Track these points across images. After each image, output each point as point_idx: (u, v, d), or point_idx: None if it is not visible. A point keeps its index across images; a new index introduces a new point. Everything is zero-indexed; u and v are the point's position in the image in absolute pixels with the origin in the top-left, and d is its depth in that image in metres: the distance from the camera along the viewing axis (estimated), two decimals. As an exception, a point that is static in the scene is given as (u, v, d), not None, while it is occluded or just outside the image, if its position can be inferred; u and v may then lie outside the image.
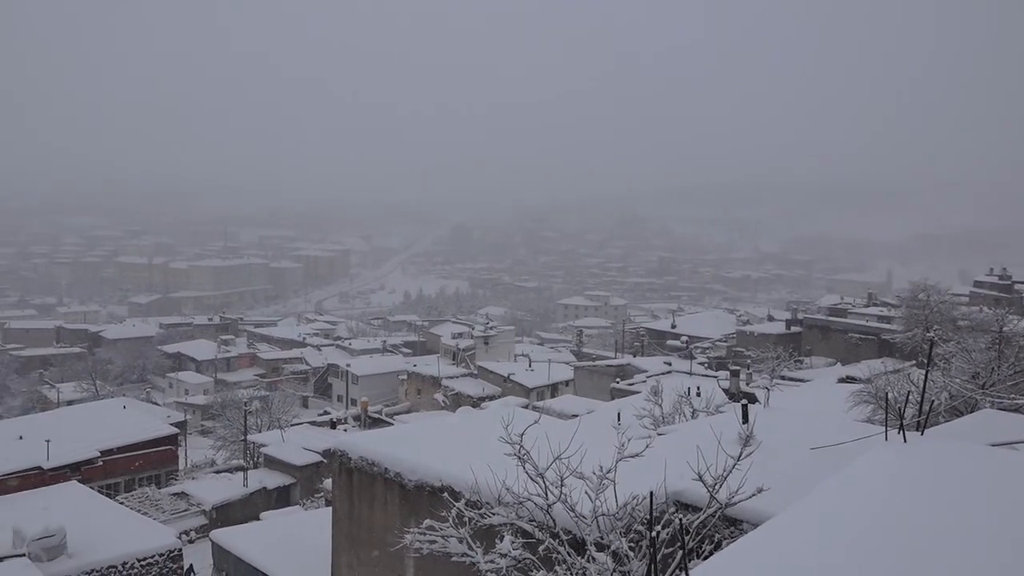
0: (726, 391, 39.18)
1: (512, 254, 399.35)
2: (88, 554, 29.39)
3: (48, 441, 45.46)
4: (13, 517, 30.98)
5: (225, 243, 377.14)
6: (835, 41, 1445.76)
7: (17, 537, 29.37)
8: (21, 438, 47.72)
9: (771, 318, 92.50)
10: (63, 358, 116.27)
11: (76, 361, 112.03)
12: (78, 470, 45.42)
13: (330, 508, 22.66)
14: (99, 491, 40.56)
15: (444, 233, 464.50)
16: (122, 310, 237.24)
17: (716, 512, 11.89)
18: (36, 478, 43.84)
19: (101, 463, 47.30)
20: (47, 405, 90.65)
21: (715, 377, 48.32)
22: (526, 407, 42.09)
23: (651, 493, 10.43)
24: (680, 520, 9.86)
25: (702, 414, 26.90)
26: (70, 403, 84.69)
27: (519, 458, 12.96)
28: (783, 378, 53.24)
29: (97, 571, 28.90)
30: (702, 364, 66.62)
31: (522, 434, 13.19)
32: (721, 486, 11.83)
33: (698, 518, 11.98)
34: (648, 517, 10.59)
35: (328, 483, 39.52)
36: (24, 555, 27.63)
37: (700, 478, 11.70)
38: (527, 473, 12.89)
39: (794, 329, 75.77)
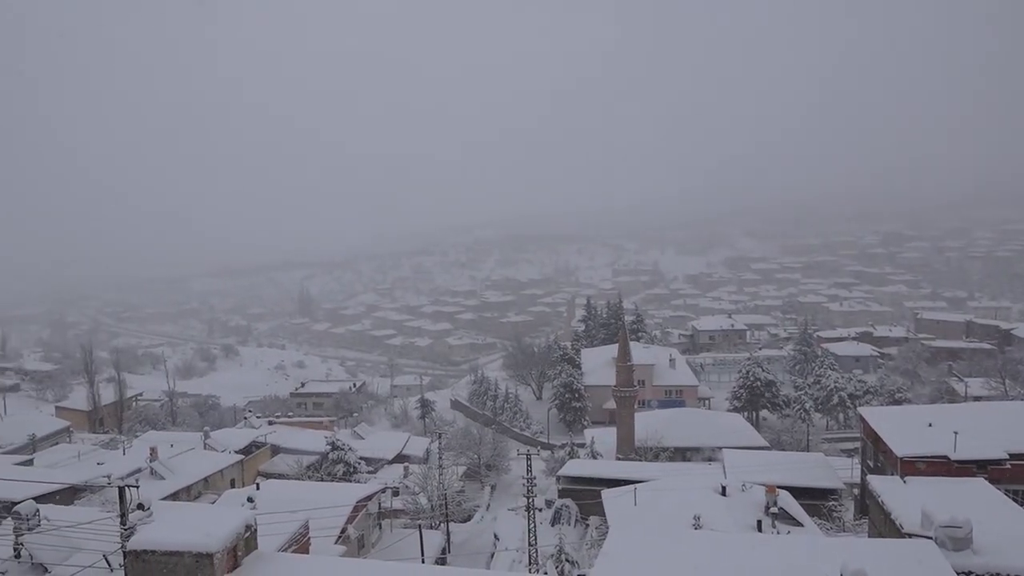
0: None
1: None
2: (994, 555, 28.75)
3: (956, 433, 46.11)
4: (923, 499, 32.61)
5: None
6: None
7: (925, 519, 30.83)
8: (930, 425, 49.64)
9: None
10: (971, 352, 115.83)
11: (985, 357, 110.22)
12: (984, 468, 44.69)
13: None
14: (1005, 494, 39.15)
15: None
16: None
17: None
18: (941, 466, 45.03)
19: (1008, 465, 45.44)
20: (954, 397, 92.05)
21: None
22: None
23: None
24: None
25: None
26: (977, 399, 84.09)
27: None
28: None
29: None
30: None
31: None
32: None
33: None
34: None
35: None
36: (931, 538, 28.79)
37: None
38: None
39: None
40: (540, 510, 55.26)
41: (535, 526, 46.94)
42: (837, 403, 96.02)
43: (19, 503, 33.23)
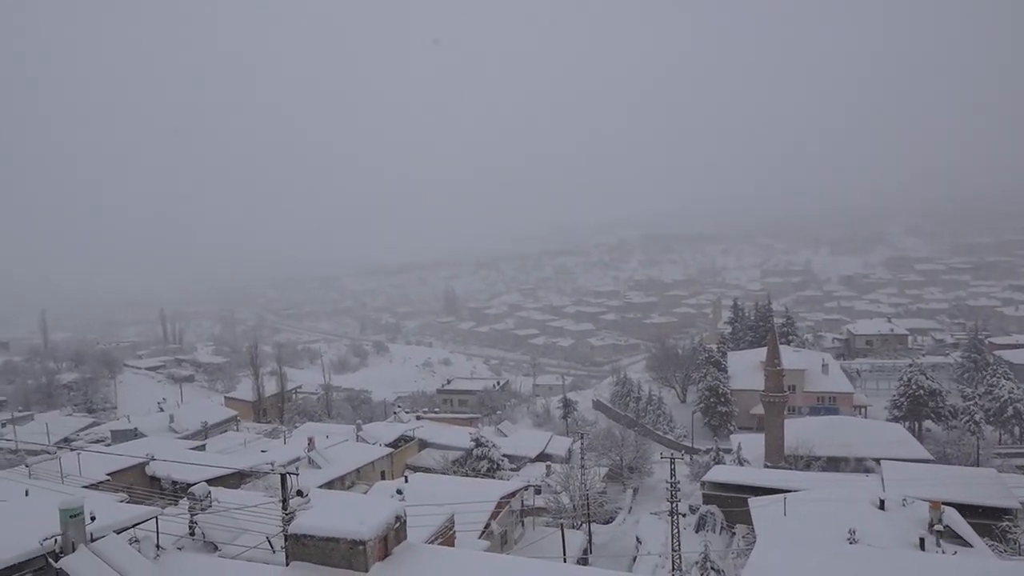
0: None
1: None
2: None
3: None
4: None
5: None
6: None
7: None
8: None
9: None
10: None
11: None
12: None
13: None
14: None
15: None
16: None
17: None
18: None
19: None
20: None
21: None
22: None
23: None
24: None
25: None
26: None
27: None
28: None
29: None
30: None
31: None
32: None
33: None
34: None
35: None
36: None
37: None
38: None
39: None
40: (684, 515, 54.20)
41: (679, 531, 46.10)
42: (1012, 415, 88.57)
43: (194, 485, 35.95)
